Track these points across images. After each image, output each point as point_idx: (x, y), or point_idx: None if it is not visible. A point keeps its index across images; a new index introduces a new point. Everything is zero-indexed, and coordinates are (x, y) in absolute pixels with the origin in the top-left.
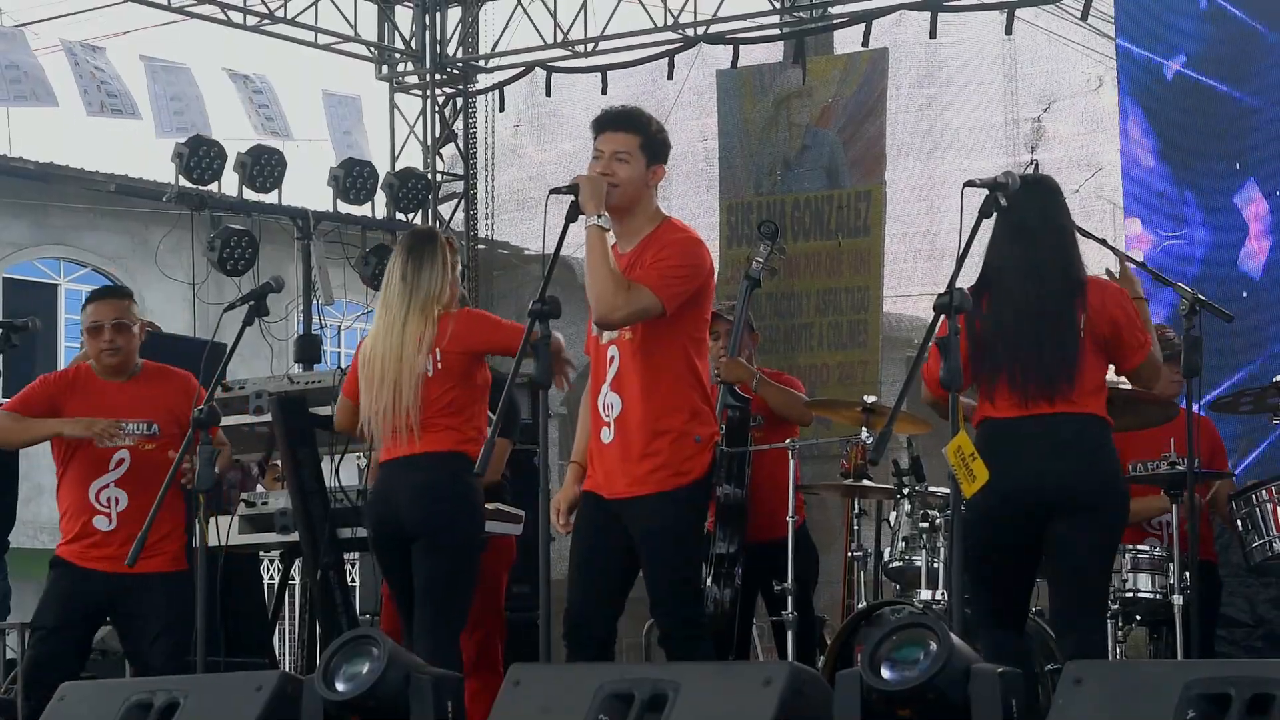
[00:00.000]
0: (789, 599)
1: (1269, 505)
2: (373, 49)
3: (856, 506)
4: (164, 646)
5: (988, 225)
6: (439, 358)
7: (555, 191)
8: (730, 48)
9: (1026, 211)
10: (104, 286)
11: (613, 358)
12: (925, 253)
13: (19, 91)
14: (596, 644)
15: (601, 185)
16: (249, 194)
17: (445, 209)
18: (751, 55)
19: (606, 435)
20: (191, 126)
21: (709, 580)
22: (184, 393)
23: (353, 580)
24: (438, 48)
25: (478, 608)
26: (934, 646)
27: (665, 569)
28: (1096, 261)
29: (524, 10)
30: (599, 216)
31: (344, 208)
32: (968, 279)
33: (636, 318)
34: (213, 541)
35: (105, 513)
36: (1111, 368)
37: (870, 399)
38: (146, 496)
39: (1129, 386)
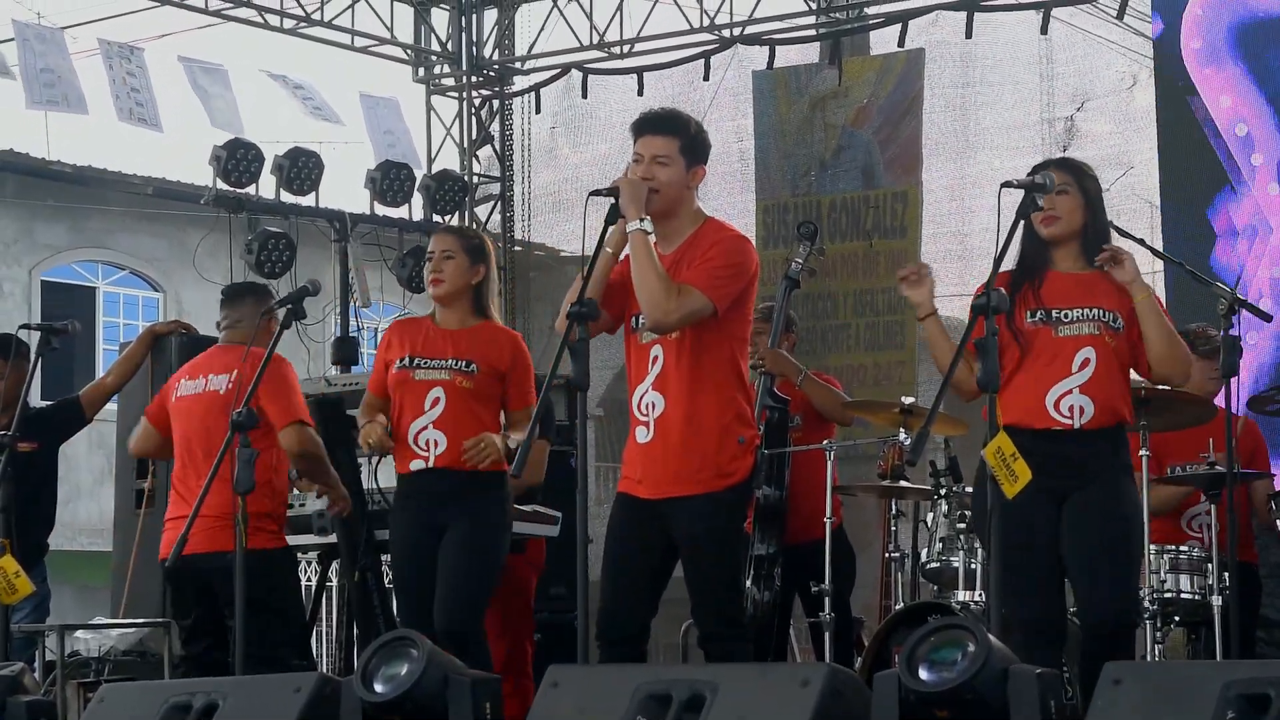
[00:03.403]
0: (826, 600)
1: None
2: (409, 51)
3: (894, 507)
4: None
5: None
6: None
7: (595, 194)
8: (766, 49)
9: None
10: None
11: (656, 357)
12: (956, 253)
13: (52, 96)
14: (629, 644)
15: (642, 190)
16: (286, 196)
17: (481, 211)
18: (787, 56)
19: (644, 435)
20: (227, 127)
21: (748, 582)
22: None
23: (390, 582)
24: (474, 50)
25: (508, 611)
26: (972, 647)
27: (708, 570)
28: None
29: (560, 12)
30: (641, 221)
31: (381, 210)
32: None
33: (689, 320)
34: None
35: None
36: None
37: (908, 400)
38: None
39: (1164, 387)
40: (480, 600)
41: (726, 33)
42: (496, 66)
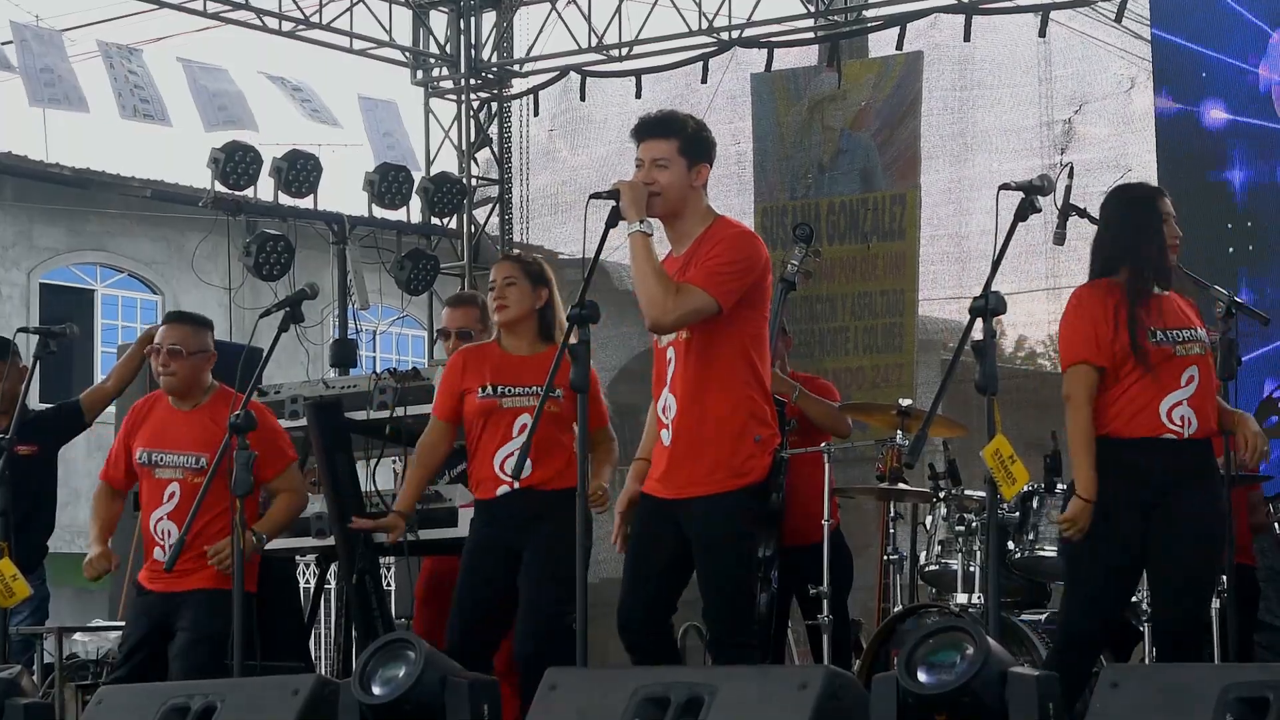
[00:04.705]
0: (824, 603)
1: None
2: (408, 54)
3: (892, 510)
4: (195, 656)
5: (1020, 227)
6: None
7: (595, 196)
8: (764, 51)
9: None
10: (176, 311)
11: (670, 359)
12: (953, 255)
13: (52, 95)
14: (648, 642)
15: (642, 192)
16: (285, 199)
17: (480, 213)
18: (786, 59)
19: (666, 437)
20: (237, 121)
21: None
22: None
23: (388, 584)
24: (472, 52)
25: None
26: (970, 650)
27: (719, 572)
28: None
29: (558, 14)
30: (641, 222)
31: (379, 212)
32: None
33: (690, 319)
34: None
35: (161, 544)
36: None
37: (905, 402)
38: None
39: None
40: (560, 625)
41: (725, 35)
42: (495, 69)
